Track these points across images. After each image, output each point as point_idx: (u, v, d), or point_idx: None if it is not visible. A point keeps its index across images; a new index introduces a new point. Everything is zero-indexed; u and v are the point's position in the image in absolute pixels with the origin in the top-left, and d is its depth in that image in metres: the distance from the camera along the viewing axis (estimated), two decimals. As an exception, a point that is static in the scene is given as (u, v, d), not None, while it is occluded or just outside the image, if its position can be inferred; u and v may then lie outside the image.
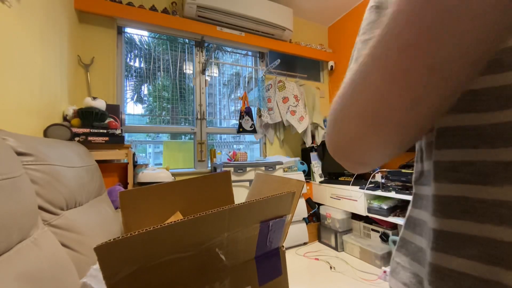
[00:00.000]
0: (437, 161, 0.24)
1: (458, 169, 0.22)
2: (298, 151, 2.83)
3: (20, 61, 1.03)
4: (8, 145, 0.64)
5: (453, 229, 0.22)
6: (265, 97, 2.56)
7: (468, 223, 0.21)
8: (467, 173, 0.21)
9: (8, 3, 0.93)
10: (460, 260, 0.21)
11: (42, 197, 0.72)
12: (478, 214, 0.20)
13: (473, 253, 0.20)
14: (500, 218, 0.19)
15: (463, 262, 0.21)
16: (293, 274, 1.70)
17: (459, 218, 0.21)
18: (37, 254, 0.57)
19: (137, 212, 0.70)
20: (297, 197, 0.59)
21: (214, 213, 0.38)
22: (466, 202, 0.21)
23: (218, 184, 0.81)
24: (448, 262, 0.22)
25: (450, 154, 0.23)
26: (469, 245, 0.20)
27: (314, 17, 2.99)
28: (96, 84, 1.84)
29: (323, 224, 2.31)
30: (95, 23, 1.88)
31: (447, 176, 0.23)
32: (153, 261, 0.34)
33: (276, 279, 0.54)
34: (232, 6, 2.20)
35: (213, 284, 0.43)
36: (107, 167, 1.52)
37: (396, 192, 1.69)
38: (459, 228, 0.21)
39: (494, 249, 0.19)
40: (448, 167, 0.23)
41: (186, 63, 2.38)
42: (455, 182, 0.22)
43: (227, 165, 1.98)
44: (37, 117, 1.17)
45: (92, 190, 1.10)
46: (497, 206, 0.19)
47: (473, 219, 0.20)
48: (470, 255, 0.20)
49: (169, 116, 2.32)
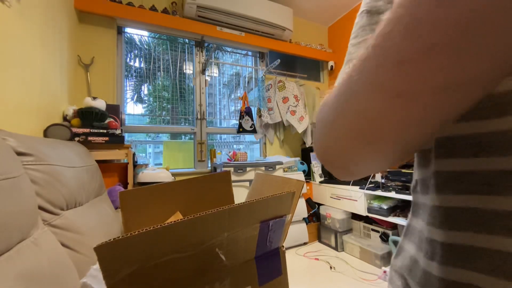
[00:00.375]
0: (438, 171, 0.23)
1: (461, 179, 0.21)
2: (298, 151, 2.83)
3: (20, 61, 1.03)
4: (8, 145, 0.64)
5: (461, 242, 0.21)
6: (265, 97, 2.56)
7: (477, 235, 0.20)
8: (471, 183, 0.20)
9: (8, 3, 0.93)
10: (470, 274, 0.20)
11: (42, 197, 0.72)
12: (487, 226, 0.19)
13: (483, 266, 0.19)
14: (509, 229, 0.18)
15: (473, 276, 0.20)
16: (293, 274, 1.70)
17: (467, 230, 0.20)
18: (37, 254, 0.57)
19: (137, 212, 0.70)
20: (297, 197, 0.59)
21: (214, 213, 0.38)
22: (474, 213, 0.20)
23: (218, 184, 0.81)
24: (457, 275, 0.21)
25: (451, 164, 0.22)
26: (478, 257, 0.20)
27: (314, 17, 2.99)
28: (96, 84, 1.84)
29: (323, 224, 2.31)
30: (95, 23, 1.88)
31: (450, 186, 0.22)
32: (153, 261, 0.34)
33: (276, 279, 0.54)
34: (232, 6, 2.20)
35: (213, 284, 0.43)
36: (107, 167, 1.52)
37: (396, 192, 1.69)
38: (467, 240, 0.20)
39: (505, 263, 0.18)
40: (450, 178, 0.22)
41: (186, 63, 2.38)
42: (460, 192, 0.21)
43: (227, 165, 1.98)
44: (37, 117, 1.17)
45: (92, 190, 1.10)
46: (506, 217, 0.18)
47: (482, 230, 0.20)
48: (480, 269, 0.19)
49: (169, 116, 2.32)
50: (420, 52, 0.12)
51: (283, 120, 2.50)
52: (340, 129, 0.20)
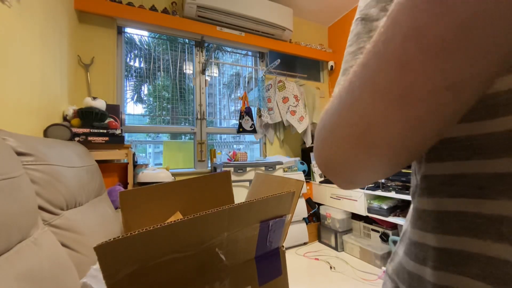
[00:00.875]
0: (429, 175, 0.23)
1: (453, 182, 0.21)
2: (298, 151, 2.83)
3: (20, 61, 1.03)
4: (8, 145, 0.64)
5: (452, 246, 0.20)
6: (265, 97, 2.56)
7: (468, 240, 0.20)
8: (462, 186, 0.20)
9: (8, 3, 0.93)
10: (462, 279, 0.20)
11: (42, 197, 0.72)
12: (478, 230, 0.19)
13: (475, 272, 0.19)
14: (501, 234, 0.18)
15: (466, 281, 0.19)
16: (293, 274, 1.70)
17: (459, 235, 0.20)
18: (37, 254, 0.57)
19: (137, 212, 0.70)
20: (296, 197, 0.59)
21: (214, 213, 0.38)
22: (464, 217, 0.20)
23: (218, 184, 0.81)
24: (449, 281, 0.20)
25: (442, 167, 0.22)
26: (470, 263, 0.19)
27: (314, 17, 2.99)
28: (96, 84, 1.84)
29: (323, 224, 2.31)
30: (95, 23, 1.88)
31: (442, 190, 0.22)
32: (153, 261, 0.34)
33: (276, 279, 0.54)
34: (232, 6, 2.20)
35: (213, 284, 0.43)
36: (107, 167, 1.52)
37: (396, 192, 1.69)
38: (459, 245, 0.20)
39: (496, 269, 0.18)
40: (441, 181, 0.22)
41: (186, 63, 2.38)
42: (451, 196, 0.21)
43: (227, 165, 1.98)
44: (37, 117, 1.17)
45: (92, 190, 1.10)
46: (498, 222, 0.18)
47: (473, 235, 0.19)
48: (472, 274, 0.19)
49: (169, 116, 2.32)
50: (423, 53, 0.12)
51: (283, 120, 2.50)
52: (343, 137, 0.20)
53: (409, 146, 0.17)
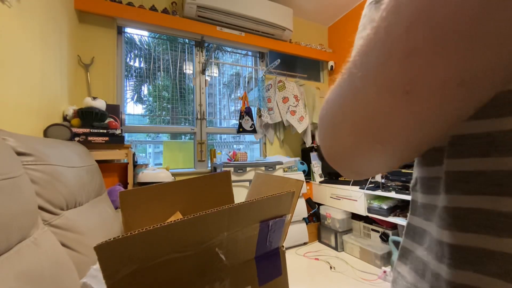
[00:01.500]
0: (448, 171, 0.22)
1: (471, 179, 0.20)
2: (298, 151, 2.83)
3: (20, 61, 1.03)
4: (8, 145, 0.64)
5: (469, 244, 0.20)
6: (265, 97, 2.56)
7: (486, 237, 0.19)
8: (481, 183, 0.20)
9: (8, 3, 0.93)
10: (479, 277, 0.19)
11: (42, 197, 0.72)
12: (496, 228, 0.19)
13: (493, 270, 0.18)
14: None
15: (482, 279, 0.19)
16: (293, 274, 1.70)
17: (476, 232, 0.20)
18: (37, 254, 0.57)
19: (137, 212, 0.70)
20: (296, 197, 0.59)
21: (214, 212, 0.38)
22: (482, 214, 0.19)
23: (218, 184, 0.81)
24: (465, 279, 0.20)
25: (460, 164, 0.21)
26: (487, 261, 0.19)
27: (314, 17, 2.99)
28: (96, 84, 1.84)
29: (323, 224, 2.31)
30: (95, 23, 1.88)
31: (459, 187, 0.21)
32: (153, 261, 0.34)
33: (276, 279, 0.54)
34: (232, 6, 2.20)
35: (213, 284, 0.43)
36: (107, 167, 1.52)
37: (396, 192, 1.69)
38: (476, 242, 0.19)
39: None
40: (459, 178, 0.21)
41: (186, 63, 2.38)
42: (469, 193, 0.20)
43: (227, 165, 1.98)
44: (37, 117, 1.17)
45: (92, 190, 1.10)
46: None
47: (491, 233, 0.19)
48: (489, 272, 0.19)
49: (169, 116, 2.32)
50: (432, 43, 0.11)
51: (283, 120, 2.50)
52: (346, 129, 0.19)
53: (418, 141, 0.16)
